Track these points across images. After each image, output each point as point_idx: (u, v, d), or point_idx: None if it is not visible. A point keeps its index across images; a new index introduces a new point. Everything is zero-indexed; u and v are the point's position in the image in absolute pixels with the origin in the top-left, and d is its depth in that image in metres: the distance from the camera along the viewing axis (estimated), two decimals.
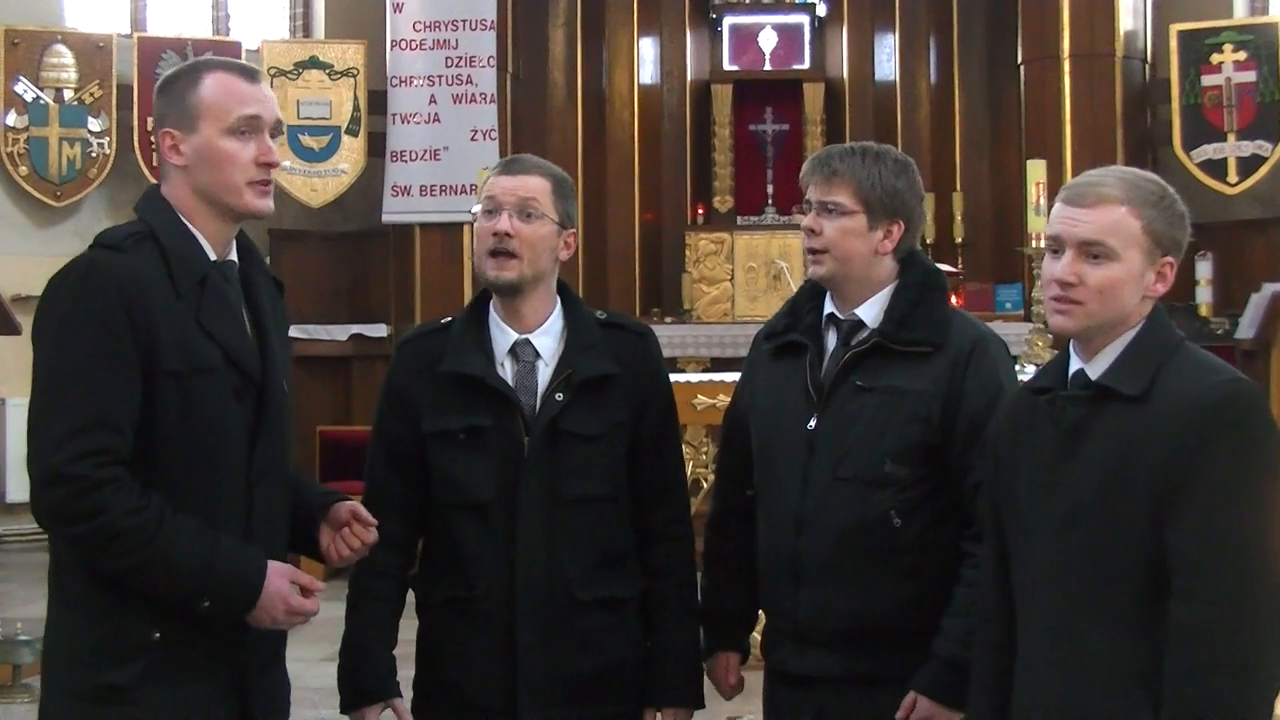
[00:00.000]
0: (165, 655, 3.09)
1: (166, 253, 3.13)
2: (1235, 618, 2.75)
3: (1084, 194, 3.00)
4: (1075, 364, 3.05)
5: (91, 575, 3.08)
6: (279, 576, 3.18)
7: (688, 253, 13.16)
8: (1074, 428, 2.98)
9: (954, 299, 11.89)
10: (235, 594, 3.13)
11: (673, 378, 3.97)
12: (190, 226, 3.20)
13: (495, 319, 3.69)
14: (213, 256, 3.22)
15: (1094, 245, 2.95)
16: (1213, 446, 2.79)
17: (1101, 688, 2.90)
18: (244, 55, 12.23)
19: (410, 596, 3.74)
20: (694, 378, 7.26)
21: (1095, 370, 2.99)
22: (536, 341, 3.65)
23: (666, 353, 3.98)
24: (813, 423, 3.58)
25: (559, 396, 3.58)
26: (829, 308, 3.70)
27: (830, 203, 3.60)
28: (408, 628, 3.70)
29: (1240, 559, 2.77)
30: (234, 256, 3.31)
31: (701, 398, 6.55)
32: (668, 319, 12.64)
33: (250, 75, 3.30)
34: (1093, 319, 2.97)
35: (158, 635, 3.08)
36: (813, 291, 3.76)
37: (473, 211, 3.73)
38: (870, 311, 3.63)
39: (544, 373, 3.63)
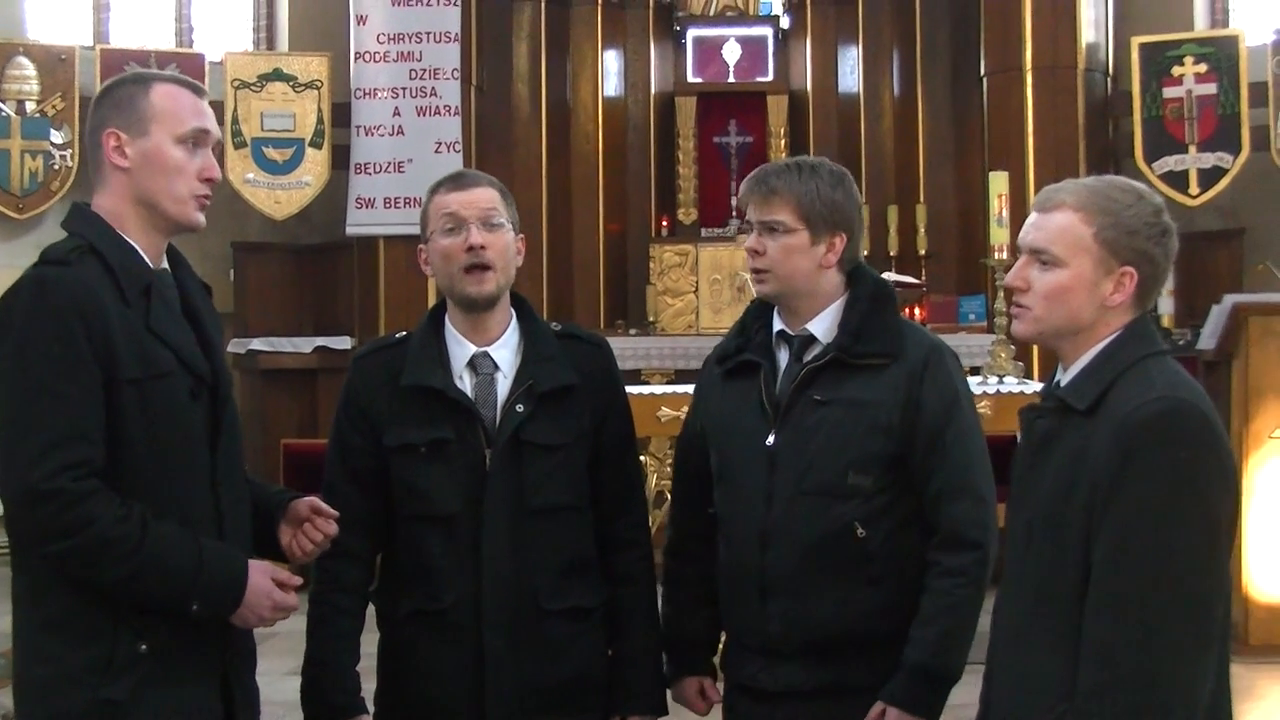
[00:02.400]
0: (155, 665, 3.09)
1: (110, 264, 3.12)
2: (1144, 636, 2.72)
3: (1045, 200, 3.03)
4: (1059, 376, 3.07)
5: (76, 593, 3.07)
6: (261, 574, 3.21)
7: (652, 265, 13.18)
8: (1040, 441, 3.00)
9: (917, 311, 11.98)
10: (223, 594, 3.15)
11: (637, 390, 4.00)
12: (125, 238, 3.20)
13: (452, 332, 3.69)
14: (150, 265, 3.23)
15: (1041, 251, 2.97)
16: (1135, 463, 2.76)
17: (1038, 700, 2.90)
18: (207, 67, 12.20)
19: (370, 611, 3.73)
20: (658, 390, 7.25)
21: (1066, 382, 3.01)
22: (495, 354, 3.67)
23: (631, 365, 4.04)
24: (771, 439, 3.59)
25: (519, 408, 3.59)
26: (778, 324, 3.71)
27: (771, 221, 3.61)
28: (368, 641, 3.70)
29: (1154, 577, 2.73)
30: (166, 265, 3.32)
31: (665, 410, 6.53)
32: (632, 331, 12.66)
33: (198, 90, 3.34)
34: (1041, 325, 2.99)
35: (144, 648, 3.08)
36: (760, 310, 3.77)
37: (428, 240, 3.71)
38: (821, 326, 3.65)
39: (503, 385, 3.64)
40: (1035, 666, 2.92)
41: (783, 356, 3.69)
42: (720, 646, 3.92)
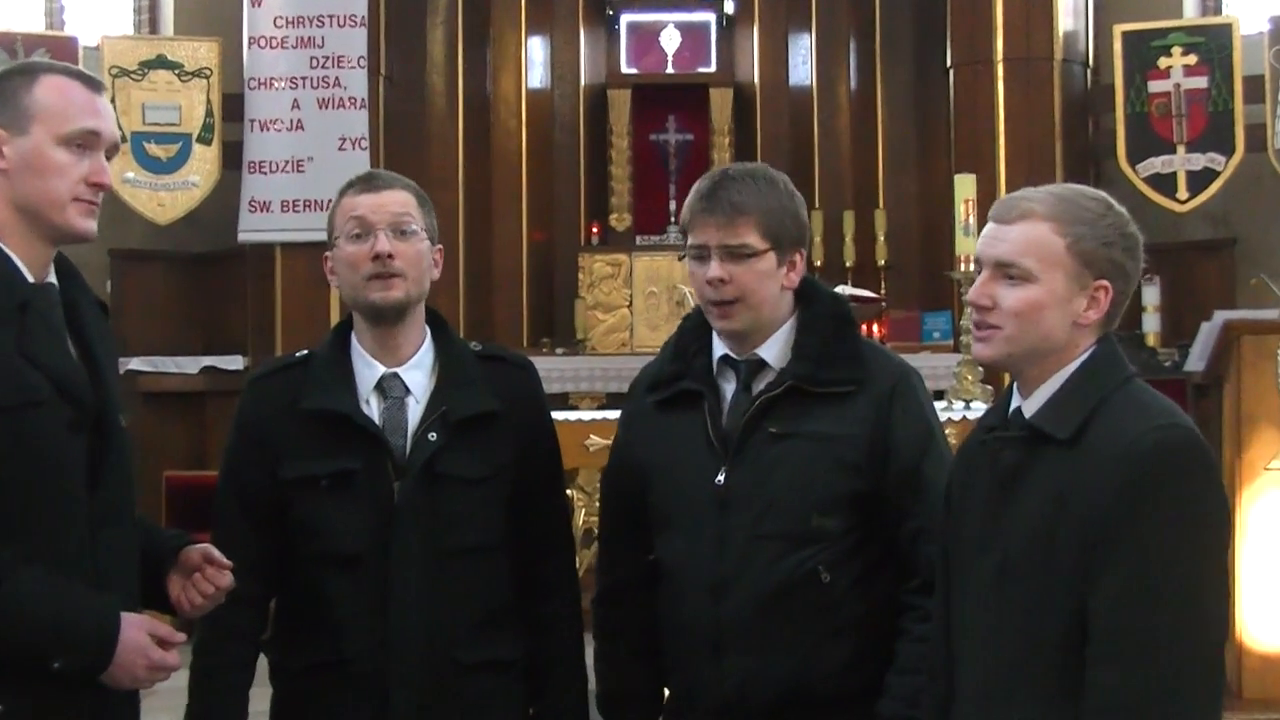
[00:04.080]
0: None
1: None
2: (1157, 682, 2.75)
3: (1009, 209, 3.03)
4: (1016, 401, 3.07)
5: None
6: (135, 629, 3.15)
7: (581, 276, 13.17)
8: (1009, 473, 3.00)
9: (876, 328, 11.99)
10: (90, 651, 3.09)
11: (565, 416, 4.00)
12: (3, 247, 3.17)
13: (359, 351, 3.67)
14: (30, 280, 3.19)
15: (1009, 266, 2.98)
16: (1144, 498, 2.79)
17: None
18: (81, 52, 12.11)
19: (262, 663, 3.70)
20: (587, 416, 7.22)
21: (1031, 409, 3.01)
22: (406, 376, 3.65)
23: (558, 387, 4.05)
24: (721, 477, 3.56)
25: (432, 436, 3.57)
26: (720, 348, 3.68)
27: (738, 246, 3.54)
28: (259, 697, 3.67)
29: (1166, 618, 2.77)
30: (53, 278, 3.28)
31: (595, 438, 6.53)
32: (559, 350, 12.62)
33: (94, 86, 3.28)
34: (1012, 345, 3.00)
35: (0, 710, 3.03)
36: (697, 330, 3.73)
37: (334, 246, 3.69)
38: (772, 350, 3.63)
39: (414, 410, 3.63)
40: None
41: (727, 385, 3.66)
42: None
